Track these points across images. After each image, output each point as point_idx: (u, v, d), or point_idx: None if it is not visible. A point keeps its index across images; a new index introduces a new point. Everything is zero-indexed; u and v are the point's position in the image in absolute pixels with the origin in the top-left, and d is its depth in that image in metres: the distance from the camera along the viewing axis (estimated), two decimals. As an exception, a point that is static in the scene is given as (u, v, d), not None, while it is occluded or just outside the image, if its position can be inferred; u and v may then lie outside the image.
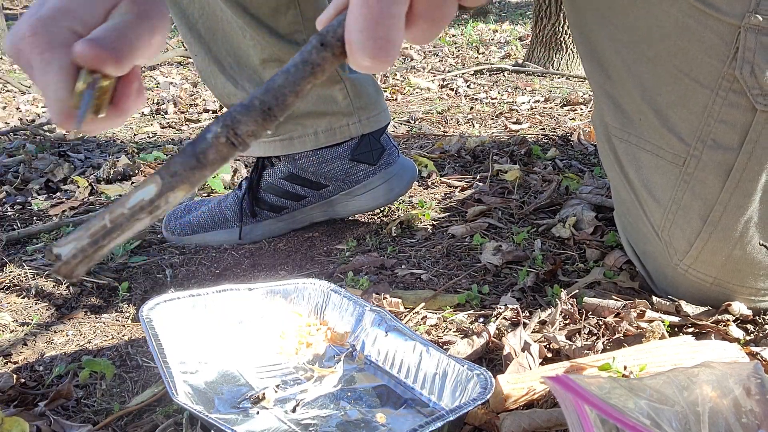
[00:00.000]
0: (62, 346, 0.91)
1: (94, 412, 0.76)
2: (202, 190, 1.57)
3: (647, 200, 0.87)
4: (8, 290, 1.08)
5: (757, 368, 0.54)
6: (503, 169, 1.53)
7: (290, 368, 0.81)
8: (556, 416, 0.66)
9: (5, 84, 3.43)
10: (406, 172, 1.27)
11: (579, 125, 1.98)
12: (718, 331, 0.83)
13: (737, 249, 0.82)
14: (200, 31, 1.17)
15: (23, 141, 2.13)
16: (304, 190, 1.23)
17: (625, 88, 0.85)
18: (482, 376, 0.67)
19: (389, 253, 1.15)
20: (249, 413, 0.71)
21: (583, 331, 0.84)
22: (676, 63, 0.79)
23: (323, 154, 1.21)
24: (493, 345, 0.82)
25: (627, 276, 0.99)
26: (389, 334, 0.79)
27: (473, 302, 0.95)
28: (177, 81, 3.38)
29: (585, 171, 1.51)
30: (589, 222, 1.16)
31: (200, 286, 1.07)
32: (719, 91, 0.76)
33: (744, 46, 0.74)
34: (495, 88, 2.72)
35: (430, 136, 1.98)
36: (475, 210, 1.30)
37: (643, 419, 0.46)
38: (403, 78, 3.11)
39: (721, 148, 0.78)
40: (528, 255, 1.08)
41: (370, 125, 1.22)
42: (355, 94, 1.20)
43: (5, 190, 1.64)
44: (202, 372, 0.78)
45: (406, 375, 0.76)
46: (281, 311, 0.88)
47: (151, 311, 0.79)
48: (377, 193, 1.24)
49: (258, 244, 1.23)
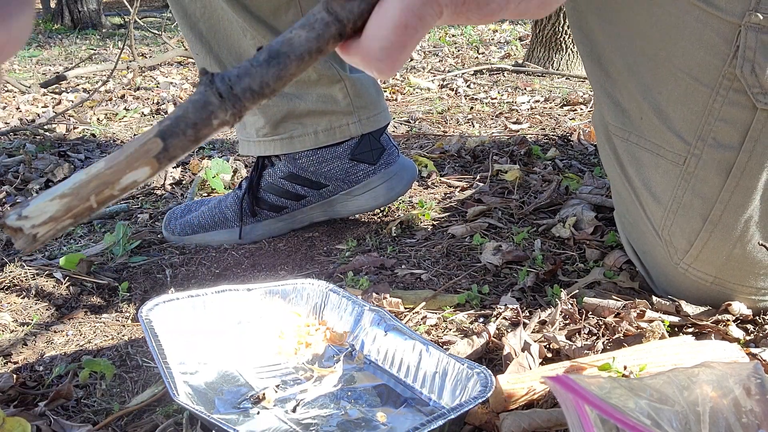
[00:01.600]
0: (62, 346, 0.91)
1: (94, 412, 0.76)
2: (202, 190, 1.57)
3: (647, 199, 0.87)
4: (8, 290, 1.08)
5: (757, 368, 0.54)
6: (503, 169, 1.53)
7: (290, 368, 0.81)
8: (556, 416, 0.65)
9: (5, 84, 3.42)
10: (406, 172, 1.27)
11: (579, 125, 1.98)
12: (718, 331, 0.82)
13: (737, 248, 0.82)
14: (202, 31, 1.17)
15: (23, 141, 2.13)
16: (304, 189, 1.23)
17: (625, 87, 0.85)
18: (482, 374, 0.67)
19: (389, 253, 1.15)
20: (249, 413, 0.71)
21: (583, 331, 0.84)
22: (676, 62, 0.79)
23: (323, 153, 1.21)
24: (493, 345, 0.82)
25: (627, 276, 0.99)
26: (388, 334, 0.79)
27: (473, 302, 0.95)
28: (177, 81, 3.38)
29: (585, 171, 1.51)
30: (589, 222, 1.16)
31: (200, 286, 1.07)
32: (720, 89, 0.76)
33: (744, 44, 0.74)
34: (495, 88, 2.72)
35: (430, 136, 1.98)
36: (475, 210, 1.30)
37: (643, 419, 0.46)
38: (403, 78, 3.10)
39: (722, 147, 0.78)
40: (528, 255, 1.08)
41: (370, 125, 1.22)
42: (356, 93, 1.20)
43: (5, 190, 1.64)
44: (202, 372, 0.78)
45: (406, 374, 0.76)
46: (280, 311, 0.88)
47: (150, 312, 0.79)
48: (377, 193, 1.24)
49: (258, 244, 1.23)
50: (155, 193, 1.60)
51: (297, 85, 1.18)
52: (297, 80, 1.16)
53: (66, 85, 3.50)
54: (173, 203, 1.51)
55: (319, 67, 1.18)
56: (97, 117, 2.59)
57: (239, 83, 0.33)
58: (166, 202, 1.52)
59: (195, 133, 0.34)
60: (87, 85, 3.51)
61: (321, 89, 1.18)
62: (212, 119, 0.33)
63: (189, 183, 1.66)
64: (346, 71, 1.20)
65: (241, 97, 0.33)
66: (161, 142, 0.34)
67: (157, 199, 1.56)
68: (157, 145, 0.34)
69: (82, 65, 3.90)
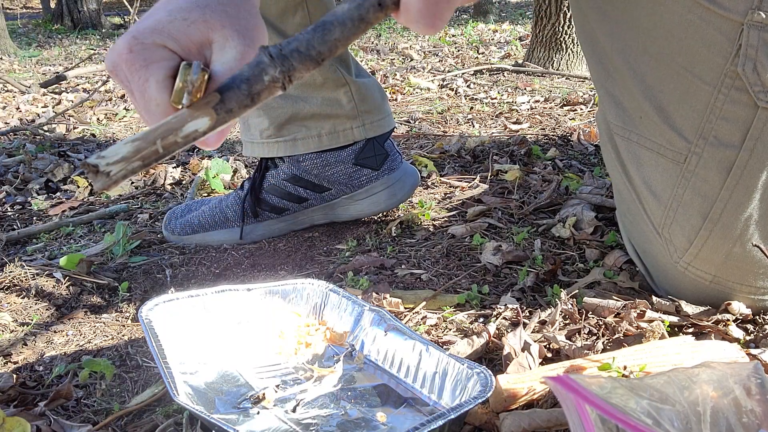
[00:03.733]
0: (62, 346, 0.91)
1: (94, 412, 0.76)
2: (202, 190, 1.57)
3: (648, 198, 0.87)
4: (8, 290, 1.07)
5: (757, 368, 0.54)
6: (503, 169, 1.53)
7: (290, 368, 0.80)
8: (556, 416, 0.65)
9: (5, 84, 3.43)
10: (408, 179, 1.27)
11: (579, 125, 1.98)
12: (718, 331, 0.82)
13: (737, 247, 0.82)
14: None
15: (23, 141, 2.13)
16: (306, 192, 1.23)
17: (626, 86, 0.85)
18: (482, 374, 0.66)
19: (389, 253, 1.15)
20: (249, 413, 0.71)
21: (583, 331, 0.84)
22: (678, 60, 0.79)
23: (327, 157, 1.21)
24: (493, 345, 0.82)
25: (627, 276, 0.99)
26: (388, 334, 0.79)
27: (473, 302, 0.95)
28: (177, 81, 3.38)
29: (585, 171, 1.51)
30: (589, 222, 1.16)
31: (200, 286, 1.07)
32: (721, 88, 0.76)
33: (747, 43, 0.74)
34: (495, 88, 2.72)
35: (430, 136, 1.98)
36: (475, 210, 1.29)
37: (644, 419, 0.46)
38: (403, 78, 3.10)
39: (723, 145, 0.78)
40: (528, 255, 1.08)
41: (373, 129, 1.22)
42: (360, 98, 1.20)
43: (5, 190, 1.64)
44: (202, 372, 0.78)
45: (406, 374, 0.76)
46: (280, 311, 0.88)
47: (150, 312, 0.79)
48: (379, 198, 1.25)
49: (258, 244, 1.23)
50: (155, 193, 1.60)
51: (302, 88, 1.18)
52: (302, 83, 1.16)
53: (66, 85, 3.50)
54: (173, 203, 1.51)
55: (325, 70, 1.18)
56: (97, 117, 2.60)
57: (288, 46, 0.37)
58: (166, 202, 1.52)
59: (248, 87, 0.38)
60: (87, 85, 3.51)
61: (326, 92, 1.18)
62: (263, 75, 0.37)
63: (189, 183, 1.66)
64: (351, 75, 1.20)
65: (289, 56, 0.37)
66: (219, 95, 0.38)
67: (157, 199, 1.56)
68: (216, 97, 0.38)
69: (82, 65, 3.90)
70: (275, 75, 0.37)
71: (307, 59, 0.37)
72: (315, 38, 0.37)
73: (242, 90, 0.38)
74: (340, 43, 0.37)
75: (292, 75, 0.37)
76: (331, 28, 0.36)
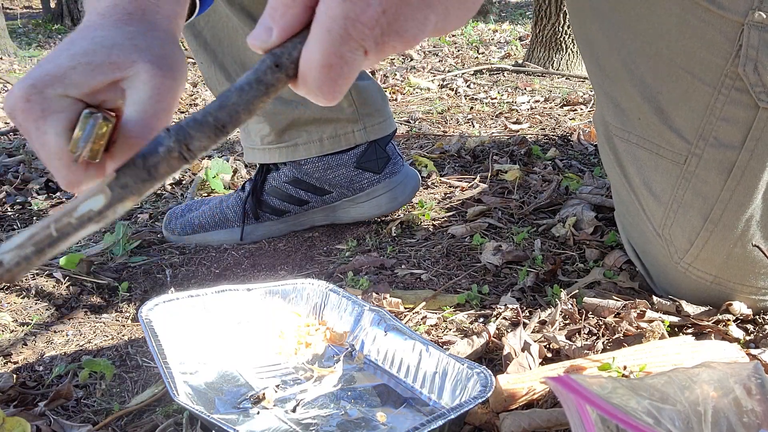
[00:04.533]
0: (62, 346, 0.91)
1: (94, 412, 0.76)
2: (201, 190, 1.57)
3: (647, 199, 0.87)
4: (8, 290, 1.07)
5: (757, 368, 0.54)
6: (503, 169, 1.53)
7: (290, 368, 0.80)
8: (556, 416, 0.65)
9: (5, 84, 3.43)
10: (409, 182, 1.27)
11: (579, 125, 1.98)
12: (718, 331, 0.82)
13: (738, 247, 0.82)
14: (206, 39, 1.17)
15: (23, 141, 2.12)
16: (307, 195, 1.23)
17: (624, 87, 0.85)
18: (482, 374, 0.66)
19: (389, 253, 1.15)
20: (249, 413, 0.71)
21: (583, 331, 0.84)
22: (677, 61, 0.78)
23: (329, 160, 1.22)
24: (493, 345, 0.82)
25: (627, 276, 0.99)
26: (388, 334, 0.79)
27: (473, 302, 0.95)
28: (177, 81, 3.38)
29: (585, 171, 1.51)
30: (589, 222, 1.16)
31: (200, 286, 1.07)
32: (722, 88, 0.76)
33: (747, 43, 0.73)
34: (495, 88, 2.72)
35: (430, 136, 1.98)
36: (475, 210, 1.29)
37: (645, 418, 0.46)
38: (403, 78, 3.10)
39: (723, 146, 0.78)
40: (528, 255, 1.08)
41: (375, 132, 1.22)
42: (361, 101, 1.20)
43: (5, 190, 1.64)
44: (202, 372, 0.78)
45: (406, 374, 0.76)
46: (280, 311, 0.88)
47: (150, 312, 0.79)
48: (380, 202, 1.25)
49: (258, 244, 1.23)
50: (155, 193, 1.60)
51: None
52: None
53: (66, 85, 3.49)
54: (173, 203, 1.51)
55: None
56: (96, 117, 2.59)
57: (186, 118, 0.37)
58: (166, 202, 1.52)
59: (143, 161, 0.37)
60: (87, 85, 3.50)
61: None
62: (158, 147, 0.37)
63: (189, 183, 1.66)
64: None
65: (185, 126, 0.36)
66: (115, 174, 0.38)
67: (157, 199, 1.56)
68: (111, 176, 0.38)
69: (82, 65, 3.89)
70: (170, 145, 0.36)
71: (204, 127, 0.36)
72: (212, 106, 0.36)
73: (137, 164, 0.37)
74: (240, 107, 0.36)
75: (189, 144, 0.36)
76: (229, 94, 0.36)
